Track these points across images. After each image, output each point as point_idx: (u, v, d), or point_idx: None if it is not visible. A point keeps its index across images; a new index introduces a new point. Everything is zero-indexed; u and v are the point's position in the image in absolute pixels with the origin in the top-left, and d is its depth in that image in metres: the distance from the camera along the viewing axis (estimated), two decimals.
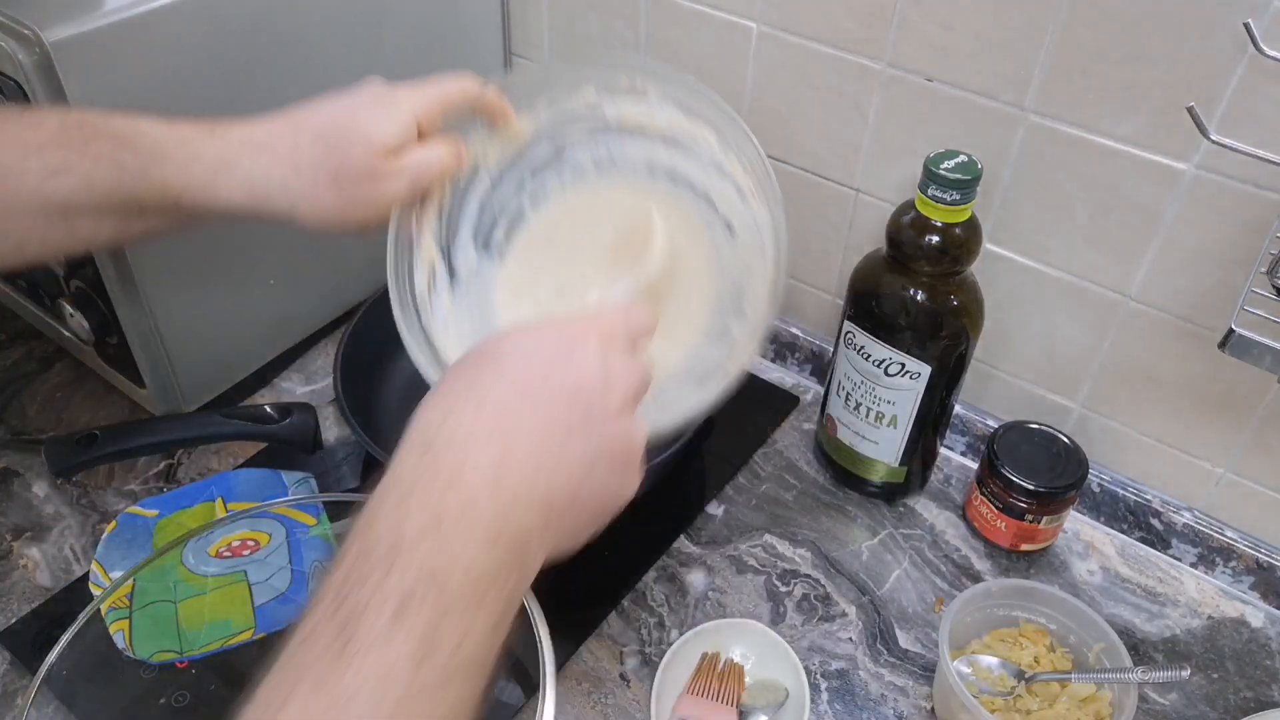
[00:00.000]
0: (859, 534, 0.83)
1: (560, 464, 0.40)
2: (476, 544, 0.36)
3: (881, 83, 0.79)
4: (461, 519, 0.37)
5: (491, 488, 0.38)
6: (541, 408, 0.40)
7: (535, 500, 0.39)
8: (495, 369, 0.42)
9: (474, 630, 0.36)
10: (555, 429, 0.40)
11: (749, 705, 0.70)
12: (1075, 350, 0.81)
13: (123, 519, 0.76)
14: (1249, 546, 0.79)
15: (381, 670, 0.33)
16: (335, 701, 0.33)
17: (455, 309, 0.65)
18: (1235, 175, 0.66)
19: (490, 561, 0.37)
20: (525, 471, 0.39)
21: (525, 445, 0.39)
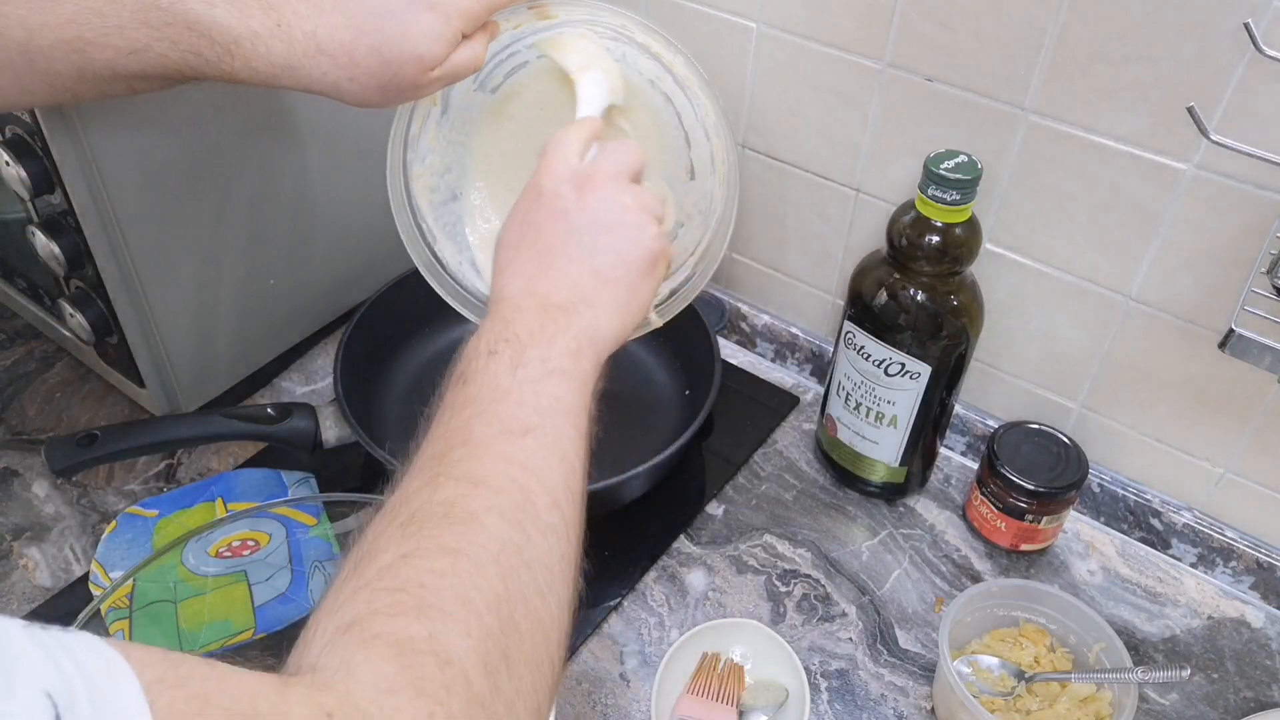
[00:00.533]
0: (859, 534, 0.83)
1: (566, 260, 0.54)
2: (527, 316, 0.51)
3: (881, 83, 0.79)
4: (515, 310, 0.52)
5: (526, 293, 0.53)
6: (536, 244, 0.55)
7: (562, 286, 0.53)
8: (504, 248, 0.57)
9: (553, 353, 0.50)
10: (552, 245, 0.55)
11: (749, 705, 0.70)
12: (1075, 350, 0.81)
13: (123, 519, 0.76)
14: (1249, 546, 0.79)
15: (488, 380, 0.48)
16: (461, 399, 0.48)
17: (437, 139, 0.70)
18: (1235, 175, 0.66)
19: (545, 321, 0.51)
20: (547, 275, 0.54)
21: (539, 264, 0.55)
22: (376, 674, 0.35)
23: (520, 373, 0.48)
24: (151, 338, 0.80)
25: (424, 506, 0.42)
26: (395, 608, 0.38)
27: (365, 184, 0.92)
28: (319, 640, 0.37)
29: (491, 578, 0.40)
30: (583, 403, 0.50)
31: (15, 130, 0.70)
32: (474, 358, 0.49)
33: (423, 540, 0.41)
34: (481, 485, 0.44)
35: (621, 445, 0.87)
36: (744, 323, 1.00)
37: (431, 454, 0.46)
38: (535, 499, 0.44)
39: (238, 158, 0.79)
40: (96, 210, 0.72)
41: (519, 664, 0.39)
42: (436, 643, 0.37)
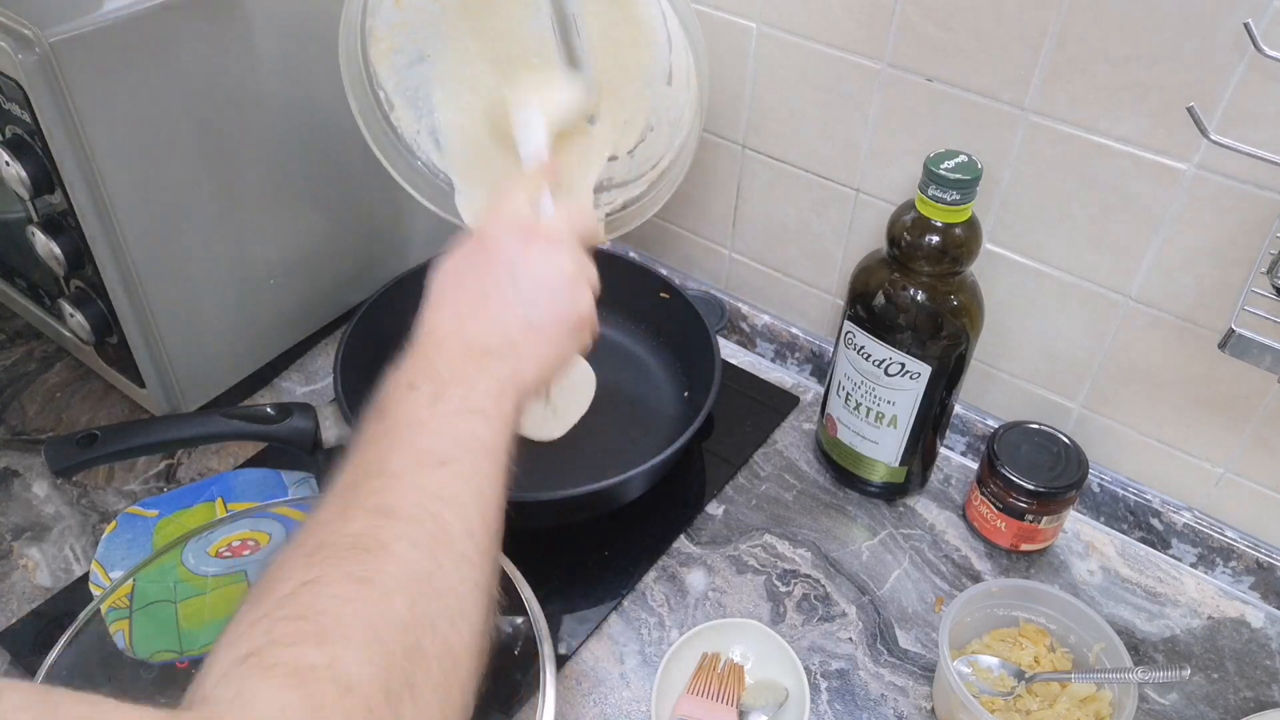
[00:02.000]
0: (859, 534, 0.83)
1: (501, 307, 0.55)
2: (452, 357, 0.51)
3: (881, 83, 0.79)
4: (440, 349, 0.52)
5: (454, 333, 0.53)
6: (473, 286, 0.56)
7: (491, 331, 0.54)
8: (439, 285, 0.57)
9: (474, 394, 0.50)
10: (489, 291, 0.56)
11: (749, 705, 0.70)
12: (1075, 350, 0.81)
13: (123, 519, 0.76)
14: (1249, 546, 0.79)
15: (406, 412, 0.48)
16: (378, 432, 0.47)
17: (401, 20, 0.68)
18: (1235, 175, 0.66)
19: (469, 363, 0.51)
20: (478, 318, 0.54)
21: (472, 306, 0.55)
22: (272, 703, 0.34)
23: (439, 406, 0.48)
24: (151, 338, 0.80)
25: (332, 537, 0.42)
26: (295, 636, 0.37)
27: (365, 185, 0.92)
28: (215, 673, 0.36)
29: (397, 605, 0.40)
30: (503, 443, 0.50)
31: (15, 130, 0.70)
32: (394, 390, 0.49)
33: (327, 569, 0.40)
34: (393, 516, 0.43)
35: (621, 445, 0.87)
36: (744, 323, 1.00)
37: (345, 485, 0.45)
38: (449, 528, 0.44)
39: (238, 158, 0.79)
40: (96, 210, 0.72)
41: (425, 691, 0.39)
42: (337, 670, 0.36)
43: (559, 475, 0.84)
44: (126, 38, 0.67)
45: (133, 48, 0.68)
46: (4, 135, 0.71)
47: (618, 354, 0.95)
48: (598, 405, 0.90)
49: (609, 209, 0.69)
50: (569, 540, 0.81)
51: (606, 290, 0.96)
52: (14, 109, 0.68)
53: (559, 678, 0.71)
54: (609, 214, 0.69)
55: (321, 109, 0.82)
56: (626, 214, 0.69)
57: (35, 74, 0.64)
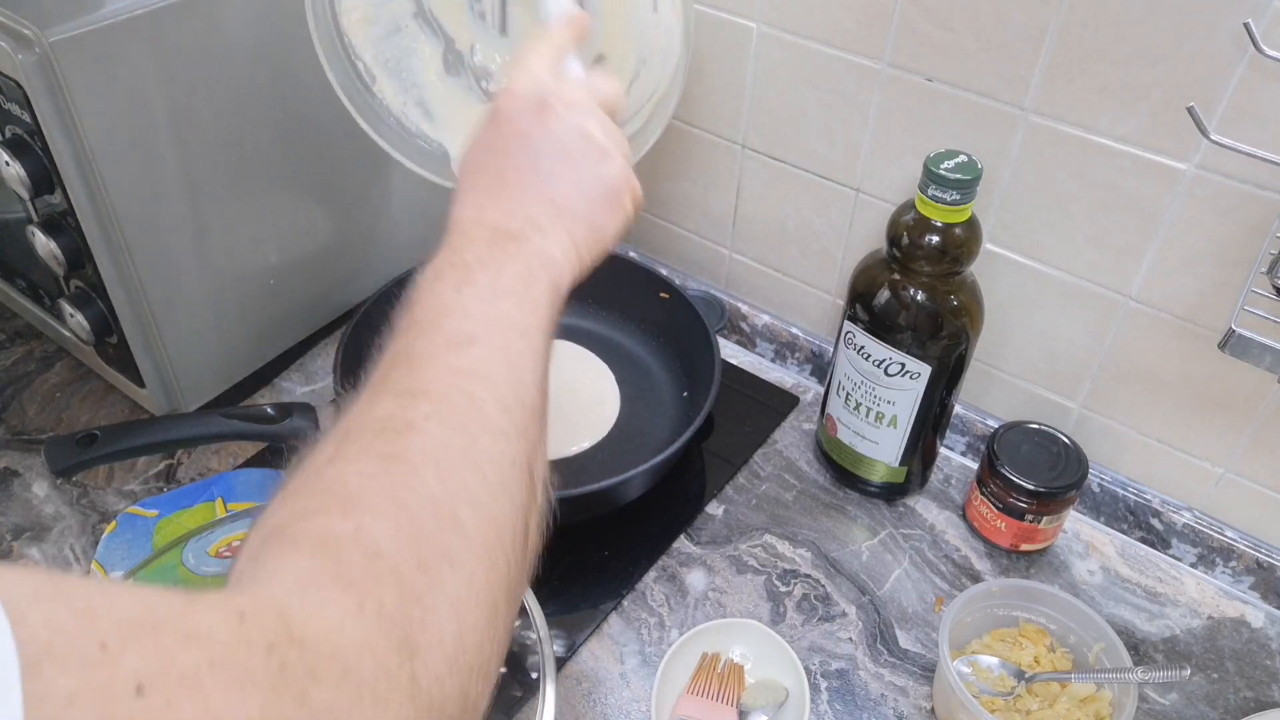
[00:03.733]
0: (859, 534, 0.83)
1: (520, 188, 0.52)
2: (476, 244, 0.49)
3: (881, 83, 0.79)
4: (464, 238, 0.50)
5: (475, 221, 0.51)
6: (492, 170, 0.53)
7: (513, 214, 0.51)
8: (463, 173, 0.54)
9: (502, 277, 0.47)
10: (506, 172, 0.52)
11: (749, 705, 0.70)
12: (1075, 350, 0.81)
13: (123, 519, 0.76)
14: (1249, 546, 0.79)
15: (431, 300, 0.46)
16: (405, 325, 0.45)
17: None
18: (1235, 175, 0.66)
19: (494, 248, 0.49)
20: (498, 202, 0.51)
21: (491, 191, 0.52)
22: (297, 571, 0.33)
23: (465, 291, 0.46)
24: (151, 338, 0.80)
25: (360, 421, 0.41)
26: (319, 509, 0.36)
27: (365, 186, 0.92)
28: (244, 556, 0.35)
29: (428, 479, 0.38)
30: (536, 325, 0.47)
31: (15, 130, 0.70)
32: (420, 284, 0.47)
33: (352, 448, 0.39)
34: (421, 396, 0.42)
35: (621, 445, 0.87)
36: (744, 323, 1.00)
37: (375, 377, 0.44)
38: (482, 404, 0.42)
39: (239, 158, 0.79)
40: (96, 210, 0.72)
41: (466, 560, 0.37)
42: (363, 537, 0.35)
43: (559, 475, 0.84)
44: (126, 38, 0.67)
45: (133, 48, 0.68)
46: (4, 135, 0.71)
47: (618, 354, 0.95)
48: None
49: None
50: (569, 540, 0.80)
51: (606, 290, 0.97)
52: (14, 109, 0.68)
53: (559, 678, 0.71)
54: None
55: (322, 108, 0.82)
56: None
57: (35, 74, 0.64)
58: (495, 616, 0.38)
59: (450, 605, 0.35)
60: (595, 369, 0.94)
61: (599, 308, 0.98)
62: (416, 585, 0.34)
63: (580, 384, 0.92)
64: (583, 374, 0.93)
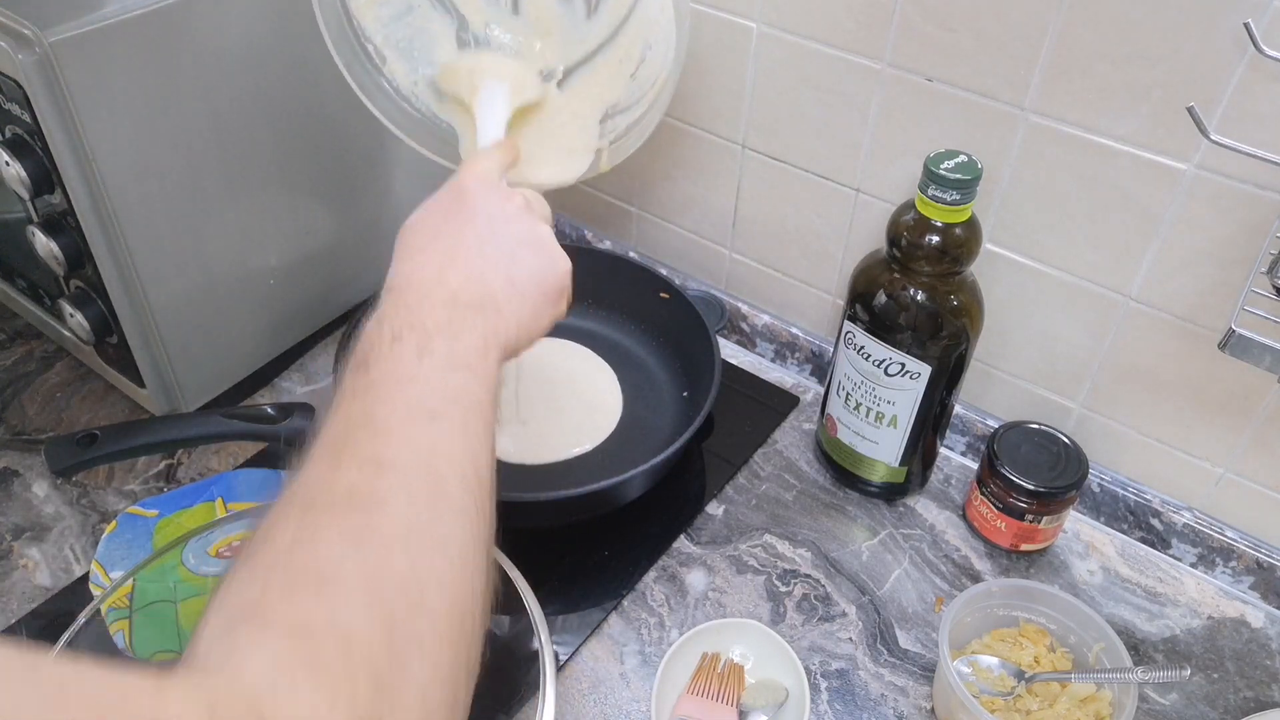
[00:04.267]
0: (859, 534, 0.83)
1: (482, 260, 0.53)
2: (436, 307, 0.49)
3: (881, 83, 0.79)
4: (422, 299, 0.50)
5: (436, 283, 0.51)
6: (452, 237, 0.54)
7: (474, 284, 0.52)
8: (412, 235, 0.55)
9: (459, 347, 0.48)
10: (469, 243, 0.54)
11: (749, 705, 0.70)
12: (1075, 350, 0.81)
13: (123, 519, 0.76)
14: (1249, 546, 0.79)
15: (392, 365, 0.46)
16: (362, 385, 0.45)
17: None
18: (1235, 175, 0.66)
19: (453, 315, 0.49)
20: (460, 269, 0.52)
21: (452, 257, 0.53)
22: (270, 660, 0.32)
23: (426, 361, 0.46)
24: (151, 338, 0.80)
25: (325, 490, 0.40)
26: (291, 589, 0.35)
27: (366, 186, 0.92)
28: (207, 635, 0.34)
29: (398, 560, 0.38)
30: (488, 399, 0.48)
31: (15, 130, 0.70)
32: (376, 343, 0.47)
33: (322, 524, 0.38)
34: (387, 467, 0.41)
35: (621, 445, 0.87)
36: (744, 323, 1.00)
37: (332, 438, 0.43)
38: (445, 481, 0.42)
39: (239, 158, 0.79)
40: (96, 210, 0.72)
41: (433, 647, 0.37)
42: (337, 622, 0.34)
43: (559, 475, 0.84)
44: (126, 38, 0.67)
45: (133, 48, 0.68)
46: (4, 135, 0.71)
47: (618, 354, 0.95)
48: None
49: (613, 135, 0.68)
50: (569, 540, 0.81)
51: (607, 290, 0.97)
52: (14, 109, 0.68)
53: (559, 678, 0.71)
54: (612, 141, 0.69)
55: (322, 109, 0.83)
56: (627, 139, 0.69)
57: (35, 74, 0.64)
58: (456, 698, 0.38)
59: (418, 691, 0.35)
60: (600, 372, 0.93)
61: (599, 308, 0.98)
62: (387, 674, 0.34)
63: (584, 386, 0.92)
64: (587, 376, 0.93)
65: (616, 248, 1.07)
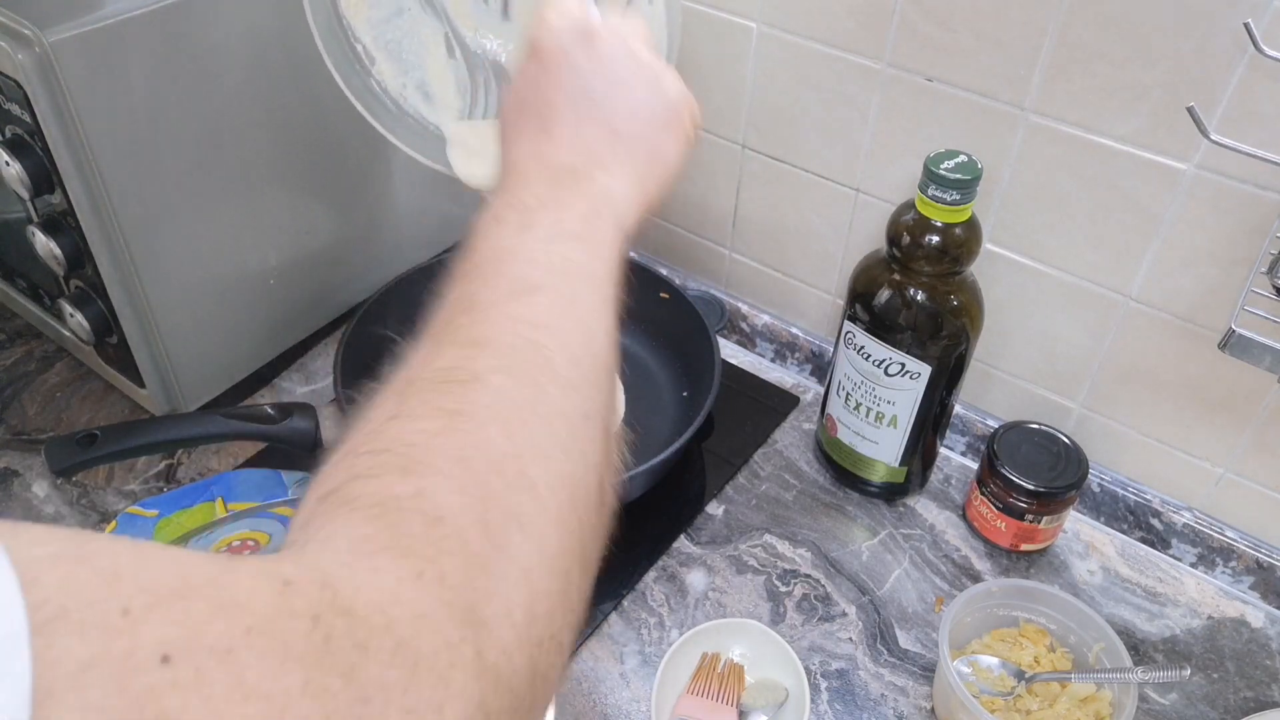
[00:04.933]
0: (859, 534, 0.83)
1: (576, 120, 0.50)
2: (535, 184, 0.47)
3: (881, 83, 0.79)
4: (522, 180, 0.48)
5: (533, 160, 0.49)
6: (542, 106, 0.51)
7: (572, 150, 0.49)
8: (508, 116, 0.53)
9: (565, 217, 0.45)
10: (559, 106, 0.50)
11: (749, 705, 0.70)
12: (1075, 350, 0.81)
13: (123, 519, 0.76)
14: (1249, 546, 0.79)
15: (492, 244, 0.44)
16: (465, 269, 0.44)
17: None
18: (1235, 175, 0.66)
19: (555, 187, 0.47)
20: (554, 139, 0.50)
21: (544, 126, 0.50)
22: (350, 536, 0.31)
23: (527, 235, 0.44)
24: (151, 338, 0.80)
25: (422, 372, 0.39)
26: (377, 469, 0.34)
27: (366, 185, 0.92)
28: (300, 519, 0.33)
29: (494, 435, 0.36)
30: (603, 269, 0.45)
31: (15, 130, 0.70)
32: (480, 227, 0.45)
33: (415, 403, 0.37)
34: (486, 346, 0.39)
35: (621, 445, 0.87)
36: (744, 323, 1.00)
37: (436, 325, 0.42)
38: (549, 355, 0.40)
39: (239, 158, 0.79)
40: (96, 210, 0.72)
41: (539, 523, 0.35)
42: (424, 500, 0.33)
43: None
44: (126, 38, 0.67)
45: (132, 48, 0.68)
46: (4, 135, 0.71)
47: None
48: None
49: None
50: None
51: None
52: (14, 109, 0.68)
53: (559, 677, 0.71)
54: None
55: (322, 108, 0.82)
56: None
57: (35, 74, 0.64)
58: (568, 583, 0.35)
59: (520, 573, 0.33)
60: None
61: None
62: (483, 551, 0.32)
63: None
64: None
65: None
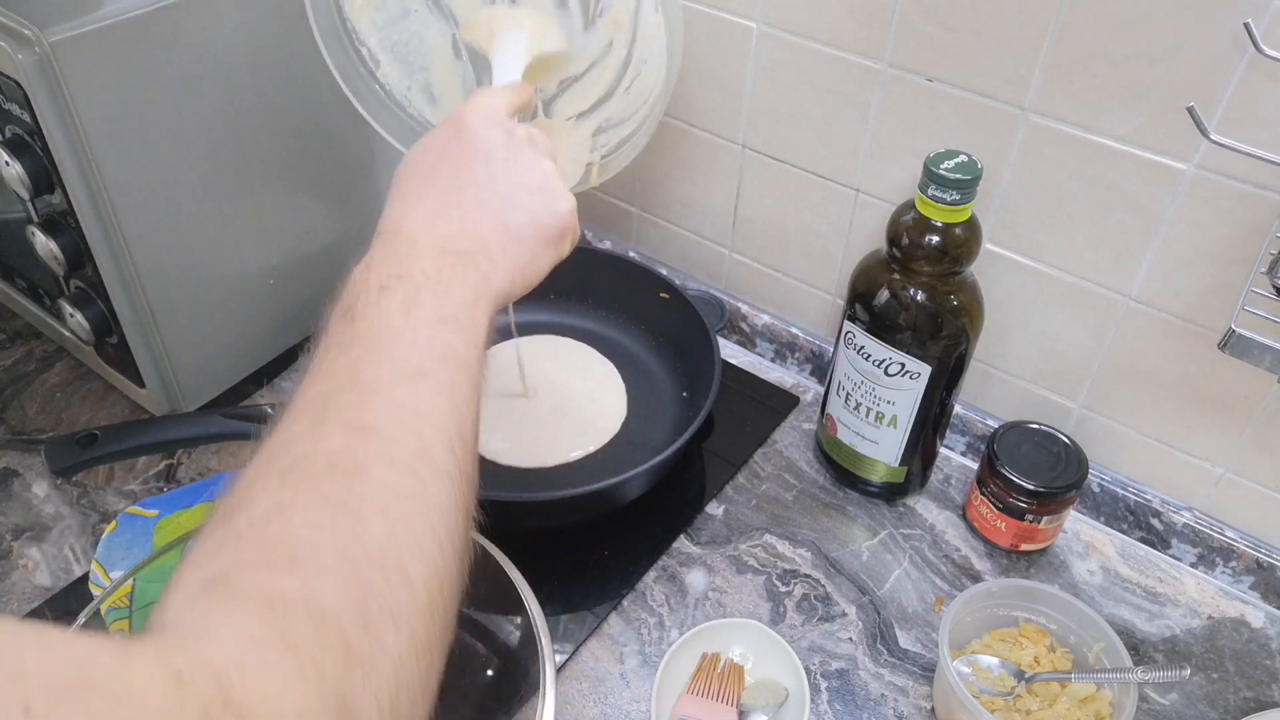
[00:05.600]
0: (859, 534, 0.83)
1: (477, 206, 0.52)
2: (425, 256, 0.48)
3: (881, 83, 0.79)
4: (412, 247, 0.49)
5: (426, 230, 0.50)
6: (448, 178, 0.52)
7: (466, 232, 0.51)
8: (408, 174, 0.54)
9: (448, 300, 0.47)
10: (464, 186, 0.52)
11: (749, 705, 0.70)
12: (1075, 350, 0.81)
13: (123, 519, 0.76)
14: (1249, 546, 0.79)
15: (378, 318, 0.45)
16: (348, 338, 0.44)
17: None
18: (1235, 175, 0.66)
19: (443, 266, 0.48)
20: (452, 216, 0.51)
21: (445, 202, 0.52)
22: (239, 631, 0.32)
23: (413, 314, 0.45)
24: (151, 338, 0.80)
25: (306, 455, 0.39)
26: (265, 561, 0.35)
27: (366, 185, 0.92)
28: (179, 596, 0.34)
29: (375, 529, 0.37)
30: (475, 355, 0.47)
31: (15, 130, 0.70)
32: (363, 292, 0.46)
33: (301, 492, 0.38)
34: (371, 432, 0.40)
35: (622, 445, 0.87)
36: (744, 323, 1.00)
37: (316, 395, 0.42)
38: (429, 445, 0.42)
39: (239, 158, 0.79)
40: (96, 210, 0.72)
41: (410, 616, 0.36)
42: (310, 596, 0.34)
43: (559, 476, 0.84)
44: (126, 38, 0.67)
45: (133, 48, 0.68)
46: (4, 135, 0.71)
47: (618, 354, 0.95)
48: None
49: (604, 150, 0.69)
50: (569, 540, 0.81)
51: (607, 290, 0.97)
52: (14, 109, 0.68)
53: (559, 678, 0.71)
54: (604, 156, 0.69)
55: (323, 108, 0.82)
56: (620, 154, 0.69)
57: (35, 74, 0.64)
58: (431, 671, 0.37)
59: (392, 666, 0.35)
60: (607, 376, 0.93)
61: (599, 308, 0.98)
62: (360, 647, 0.34)
63: (591, 390, 0.92)
64: (595, 380, 0.93)
65: (616, 248, 1.07)
